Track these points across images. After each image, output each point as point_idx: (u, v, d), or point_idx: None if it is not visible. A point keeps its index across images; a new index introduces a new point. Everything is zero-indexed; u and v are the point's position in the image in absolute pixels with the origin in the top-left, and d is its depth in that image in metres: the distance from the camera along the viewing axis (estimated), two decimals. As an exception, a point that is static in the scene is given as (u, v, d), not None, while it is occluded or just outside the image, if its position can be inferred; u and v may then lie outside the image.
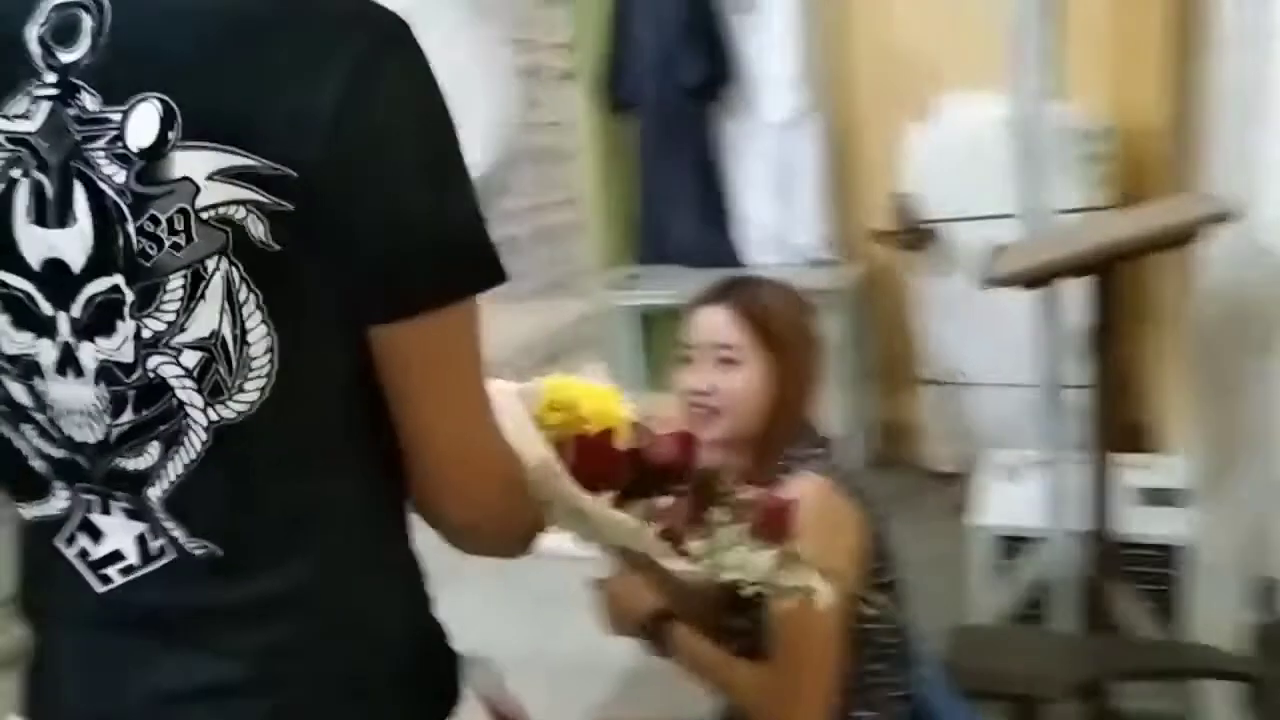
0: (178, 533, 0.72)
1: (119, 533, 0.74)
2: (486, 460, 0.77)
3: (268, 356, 0.69)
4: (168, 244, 0.67)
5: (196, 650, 0.73)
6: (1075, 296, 2.00)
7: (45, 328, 0.71)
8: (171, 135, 0.66)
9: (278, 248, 0.67)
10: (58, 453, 0.74)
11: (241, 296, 0.68)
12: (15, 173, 0.70)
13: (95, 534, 0.75)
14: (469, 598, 2.96)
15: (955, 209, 3.32)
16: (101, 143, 0.67)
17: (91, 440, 0.72)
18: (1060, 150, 2.34)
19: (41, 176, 0.69)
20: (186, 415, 0.70)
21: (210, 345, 0.68)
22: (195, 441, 0.71)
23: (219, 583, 0.73)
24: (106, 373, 0.71)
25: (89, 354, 0.70)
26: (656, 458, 0.89)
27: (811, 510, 1.27)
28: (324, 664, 0.74)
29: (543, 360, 2.74)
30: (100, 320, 0.70)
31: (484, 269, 0.73)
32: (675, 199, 3.77)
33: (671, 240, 3.81)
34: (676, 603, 1.41)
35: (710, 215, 3.77)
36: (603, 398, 0.93)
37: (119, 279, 0.68)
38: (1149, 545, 2.26)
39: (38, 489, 0.76)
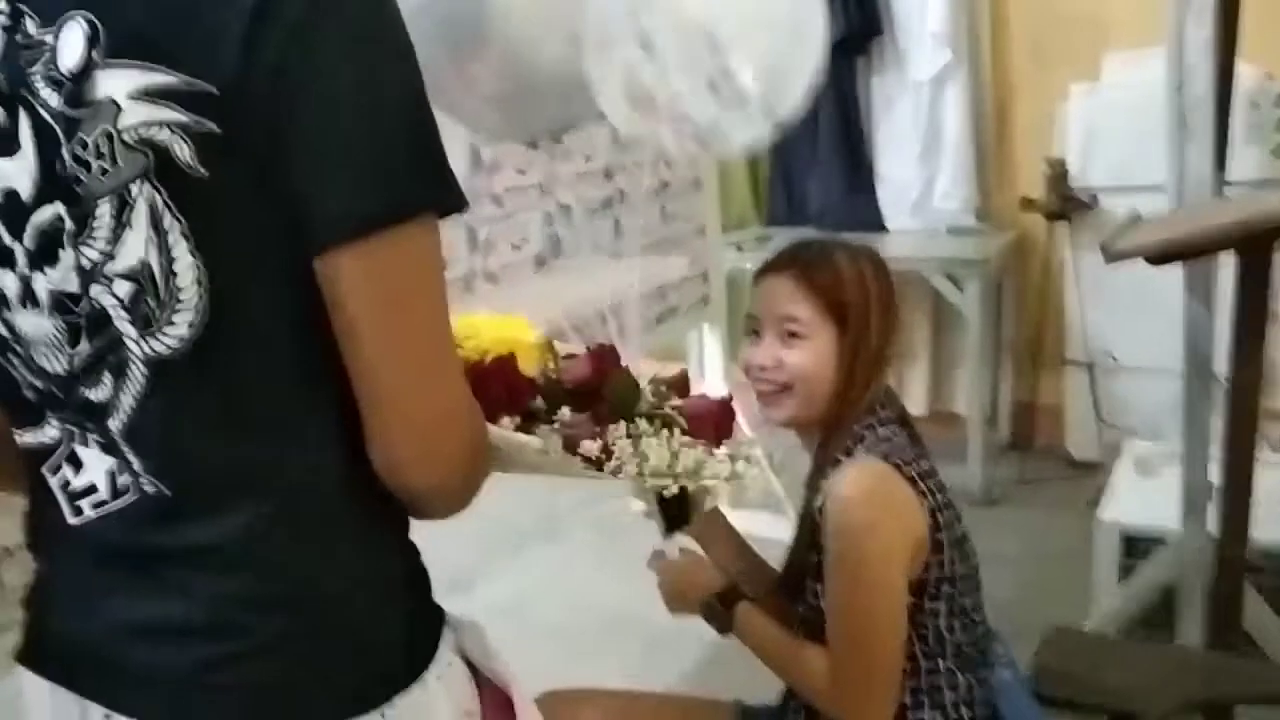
0: (139, 468, 0.72)
1: (95, 466, 0.74)
2: (439, 415, 0.71)
3: (196, 288, 0.67)
4: (95, 168, 0.66)
5: (156, 589, 0.72)
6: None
7: (6, 259, 0.71)
8: (95, 54, 0.64)
9: (205, 173, 0.64)
10: (39, 383, 0.75)
11: (166, 224, 0.66)
12: None
13: (77, 465, 0.75)
14: (569, 557, 2.96)
15: (1118, 177, 3.11)
16: (39, 66, 0.67)
17: (60, 371, 0.73)
18: (1230, 115, 2.10)
19: None
20: (126, 347, 0.69)
21: (139, 275, 0.67)
22: (138, 374, 0.70)
23: (171, 523, 0.72)
24: (59, 303, 0.70)
25: (42, 285, 0.71)
26: (569, 379, 0.87)
27: (866, 494, 1.19)
28: (274, 619, 0.72)
29: (656, 318, 2.69)
30: (46, 250, 0.69)
31: (424, 189, 0.67)
32: (811, 157, 3.63)
33: (805, 200, 3.68)
34: (743, 581, 1.35)
35: (848, 175, 3.62)
36: (507, 326, 0.91)
37: (60, 207, 0.68)
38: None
39: (33, 417, 0.77)
